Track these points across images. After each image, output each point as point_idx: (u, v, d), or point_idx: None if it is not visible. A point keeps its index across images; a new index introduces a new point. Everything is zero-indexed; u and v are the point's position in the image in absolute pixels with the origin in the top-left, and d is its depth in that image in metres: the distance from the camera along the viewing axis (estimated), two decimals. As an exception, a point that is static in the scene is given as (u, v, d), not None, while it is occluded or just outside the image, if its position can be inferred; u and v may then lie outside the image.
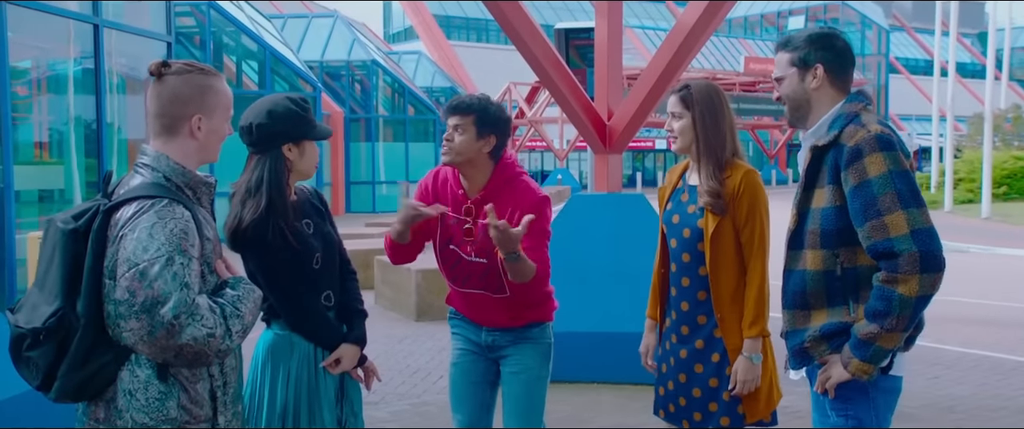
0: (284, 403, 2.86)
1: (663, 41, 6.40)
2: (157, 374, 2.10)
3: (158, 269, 1.98)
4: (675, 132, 3.11)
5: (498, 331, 3.22)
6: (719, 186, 2.99)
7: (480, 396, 3.31)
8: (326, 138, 2.93)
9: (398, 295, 9.18)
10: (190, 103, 2.17)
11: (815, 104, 2.54)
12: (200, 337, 2.01)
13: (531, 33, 6.13)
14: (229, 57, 20.29)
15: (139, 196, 2.08)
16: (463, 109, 3.05)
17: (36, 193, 8.44)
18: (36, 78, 8.56)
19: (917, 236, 2.27)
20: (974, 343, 7.67)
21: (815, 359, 2.50)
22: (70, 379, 2.08)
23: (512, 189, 3.10)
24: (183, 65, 2.20)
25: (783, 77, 2.58)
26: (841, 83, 2.54)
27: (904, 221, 2.28)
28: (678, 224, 3.09)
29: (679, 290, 3.10)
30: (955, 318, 9.02)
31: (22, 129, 8.22)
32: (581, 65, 9.95)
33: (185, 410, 2.13)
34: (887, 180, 2.31)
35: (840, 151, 2.40)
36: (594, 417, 5.34)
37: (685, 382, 3.08)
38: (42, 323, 2.05)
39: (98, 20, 7.76)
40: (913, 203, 2.31)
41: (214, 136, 2.23)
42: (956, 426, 5.24)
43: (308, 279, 2.86)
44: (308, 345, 2.89)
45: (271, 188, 2.79)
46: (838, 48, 2.55)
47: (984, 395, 5.96)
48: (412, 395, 5.95)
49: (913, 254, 2.26)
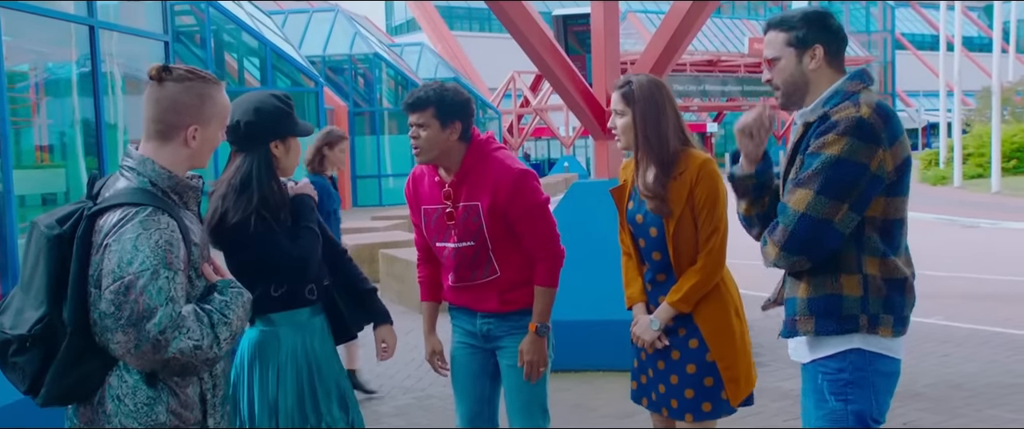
0: (274, 400, 2.85)
1: (659, 26, 6.35)
2: (145, 379, 2.09)
3: (143, 283, 1.96)
4: (617, 130, 3.04)
5: (492, 318, 3.17)
6: (662, 189, 2.93)
7: (480, 389, 3.27)
8: (308, 135, 2.93)
9: (403, 288, 9.17)
10: (188, 112, 2.15)
11: (813, 85, 2.48)
12: (186, 350, 1.99)
13: (528, 23, 6.09)
14: (230, 55, 20.29)
15: (124, 203, 2.05)
16: (420, 105, 2.98)
17: (39, 197, 8.45)
18: (35, 81, 8.56)
19: (802, 219, 2.33)
20: (985, 320, 7.60)
21: (800, 333, 2.47)
22: (57, 385, 2.06)
23: (486, 167, 3.04)
24: (185, 71, 2.17)
25: (778, 57, 2.50)
26: (838, 63, 2.49)
27: (805, 201, 2.32)
28: (643, 224, 3.03)
29: (655, 285, 3.07)
30: (965, 294, 8.95)
31: (24, 133, 8.22)
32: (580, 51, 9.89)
33: (174, 415, 2.11)
34: (830, 163, 2.31)
35: (824, 122, 2.38)
36: (598, 406, 5.31)
37: (663, 369, 3.05)
38: (28, 330, 2.03)
39: (94, 21, 7.74)
40: (830, 193, 2.30)
41: (207, 145, 2.21)
42: (965, 403, 5.19)
43: (290, 273, 2.85)
44: (294, 341, 2.88)
45: (262, 184, 2.78)
46: (834, 28, 2.50)
47: (995, 372, 5.90)
48: (417, 388, 5.93)
49: (786, 230, 2.36)
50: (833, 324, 2.42)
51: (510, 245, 3.08)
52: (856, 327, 2.41)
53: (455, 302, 3.27)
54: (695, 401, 3.00)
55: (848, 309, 2.41)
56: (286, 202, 2.87)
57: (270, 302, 2.86)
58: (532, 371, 3.10)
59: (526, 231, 3.06)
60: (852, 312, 2.41)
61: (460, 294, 3.22)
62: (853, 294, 2.41)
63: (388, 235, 12.21)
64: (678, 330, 3.04)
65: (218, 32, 19.17)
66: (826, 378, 2.46)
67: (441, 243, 3.15)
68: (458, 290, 3.21)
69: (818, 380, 2.49)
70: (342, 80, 26.11)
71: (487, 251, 3.07)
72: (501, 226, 3.04)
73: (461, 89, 3.09)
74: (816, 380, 2.50)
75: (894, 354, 2.45)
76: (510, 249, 3.09)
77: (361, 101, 26.38)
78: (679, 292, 2.97)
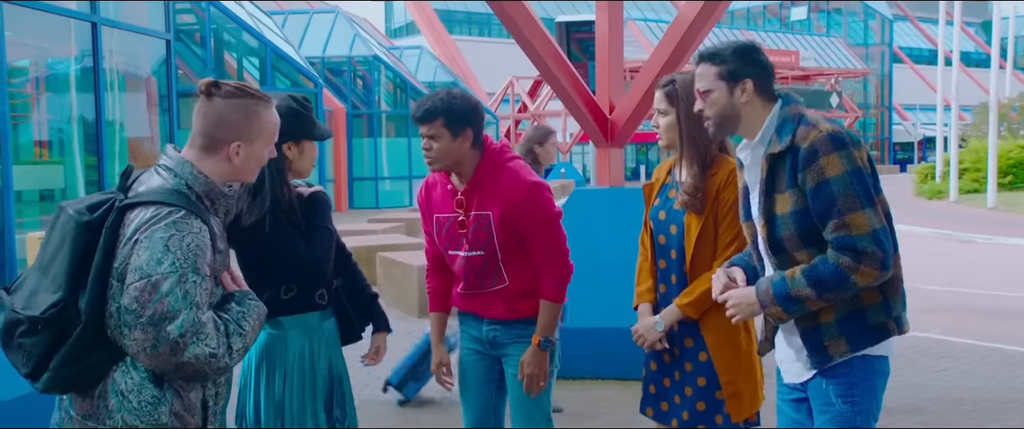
0: (279, 402, 2.83)
1: (665, 33, 6.34)
2: (152, 378, 2.06)
3: (169, 285, 1.95)
4: (660, 128, 3.07)
5: (498, 326, 3.16)
6: (701, 184, 2.96)
7: (486, 396, 3.26)
8: (326, 139, 2.92)
9: (401, 291, 9.15)
10: (233, 129, 2.15)
11: (745, 117, 2.57)
12: (202, 356, 1.99)
13: (532, 27, 6.07)
14: (230, 54, 20.27)
15: (157, 201, 2.04)
16: (430, 116, 2.95)
17: (36, 193, 8.41)
18: (35, 77, 8.53)
19: (876, 236, 2.36)
20: (983, 335, 7.60)
21: (835, 358, 2.48)
22: (62, 372, 2.03)
23: (500, 177, 3.03)
24: (235, 88, 2.16)
25: (710, 90, 2.58)
26: (768, 94, 2.57)
27: (866, 221, 2.35)
28: (665, 220, 3.07)
29: (668, 287, 3.07)
30: (963, 309, 8.95)
31: (22, 128, 8.19)
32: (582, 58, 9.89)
33: (177, 416, 2.09)
34: (845, 181, 2.36)
35: (796, 153, 2.43)
36: (599, 414, 5.29)
37: (679, 379, 3.05)
38: (41, 313, 2.00)
39: (96, 18, 7.72)
40: (870, 201, 2.38)
41: (252, 161, 2.21)
42: (966, 419, 5.18)
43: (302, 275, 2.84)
44: (302, 344, 2.87)
45: (275, 187, 2.76)
46: (763, 62, 2.58)
47: (995, 387, 5.90)
48: (415, 393, 5.90)
49: (876, 253, 2.35)
50: (867, 338, 2.47)
51: (520, 255, 3.07)
52: (887, 333, 2.48)
53: (464, 308, 3.26)
54: (707, 414, 2.99)
55: (874, 318, 2.46)
56: (296, 205, 2.86)
57: (279, 305, 2.84)
58: (532, 384, 3.09)
59: (536, 244, 3.05)
60: (879, 320, 2.47)
61: (468, 301, 3.21)
62: (874, 302, 2.47)
63: (386, 238, 12.18)
64: (685, 341, 3.02)
65: (218, 31, 19.15)
66: (832, 383, 2.50)
67: (453, 251, 3.13)
68: (467, 297, 3.20)
69: (823, 386, 2.52)
70: (341, 82, 26.09)
71: (496, 260, 3.06)
72: (512, 236, 3.03)
73: (468, 96, 3.07)
74: (820, 387, 2.53)
75: (889, 353, 2.53)
76: (520, 259, 3.07)
77: (359, 103, 26.35)
78: (690, 296, 2.97)
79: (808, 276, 2.40)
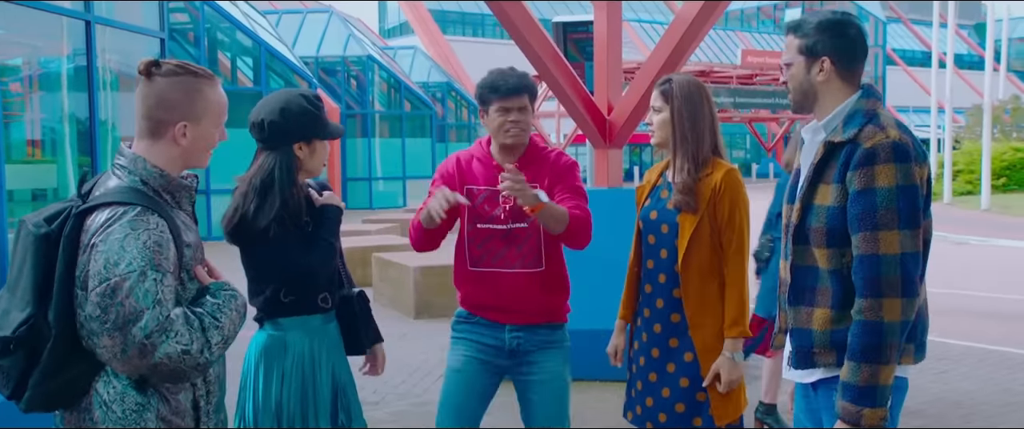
0: (278, 404, 2.79)
1: (662, 35, 6.32)
2: (134, 385, 2.01)
3: (130, 285, 1.88)
4: (654, 126, 3.07)
5: (522, 332, 3.11)
6: (692, 182, 2.95)
7: (475, 409, 3.19)
8: (338, 137, 2.88)
9: (397, 292, 9.09)
10: (176, 108, 2.06)
11: (821, 96, 2.44)
12: (174, 354, 1.91)
13: (530, 27, 6.03)
14: (224, 53, 20.17)
15: (113, 202, 1.97)
16: (519, 90, 3.04)
17: (29, 192, 8.34)
18: (28, 75, 8.46)
19: (903, 261, 2.22)
20: (981, 337, 7.59)
21: (820, 366, 2.40)
22: (41, 389, 1.98)
23: (545, 157, 3.16)
24: (174, 66, 2.08)
25: (791, 63, 2.46)
26: (849, 76, 2.42)
27: (897, 242, 2.22)
28: (656, 220, 3.06)
29: (655, 286, 3.05)
30: (960, 311, 8.94)
31: (14, 127, 8.12)
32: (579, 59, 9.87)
33: (165, 421, 2.03)
34: (892, 195, 2.22)
35: (854, 150, 2.30)
36: (596, 416, 5.26)
37: (655, 381, 3.02)
38: (12, 332, 1.95)
39: (90, 16, 7.66)
40: (910, 224, 2.23)
41: (201, 143, 2.12)
42: (964, 421, 5.16)
43: (295, 283, 2.80)
44: (303, 345, 2.83)
45: (284, 187, 2.72)
46: (850, 36, 2.41)
47: (993, 390, 5.89)
48: (412, 394, 5.87)
49: (895, 280, 2.21)
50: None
51: (558, 243, 3.11)
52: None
53: (482, 309, 3.16)
54: (685, 416, 2.97)
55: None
56: (303, 205, 2.81)
57: (280, 306, 2.81)
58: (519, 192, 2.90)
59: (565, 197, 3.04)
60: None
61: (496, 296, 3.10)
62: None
63: (381, 239, 12.13)
64: (669, 341, 3.01)
65: (212, 30, 19.05)
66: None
67: (483, 224, 3.09)
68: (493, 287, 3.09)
69: (834, 396, 2.42)
70: (335, 82, 26.01)
71: (538, 236, 3.06)
72: None
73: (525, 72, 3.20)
74: (831, 396, 2.44)
75: (903, 373, 2.42)
76: (557, 246, 3.12)
77: (353, 103, 26.27)
78: (729, 319, 2.95)
79: (851, 358, 2.25)
